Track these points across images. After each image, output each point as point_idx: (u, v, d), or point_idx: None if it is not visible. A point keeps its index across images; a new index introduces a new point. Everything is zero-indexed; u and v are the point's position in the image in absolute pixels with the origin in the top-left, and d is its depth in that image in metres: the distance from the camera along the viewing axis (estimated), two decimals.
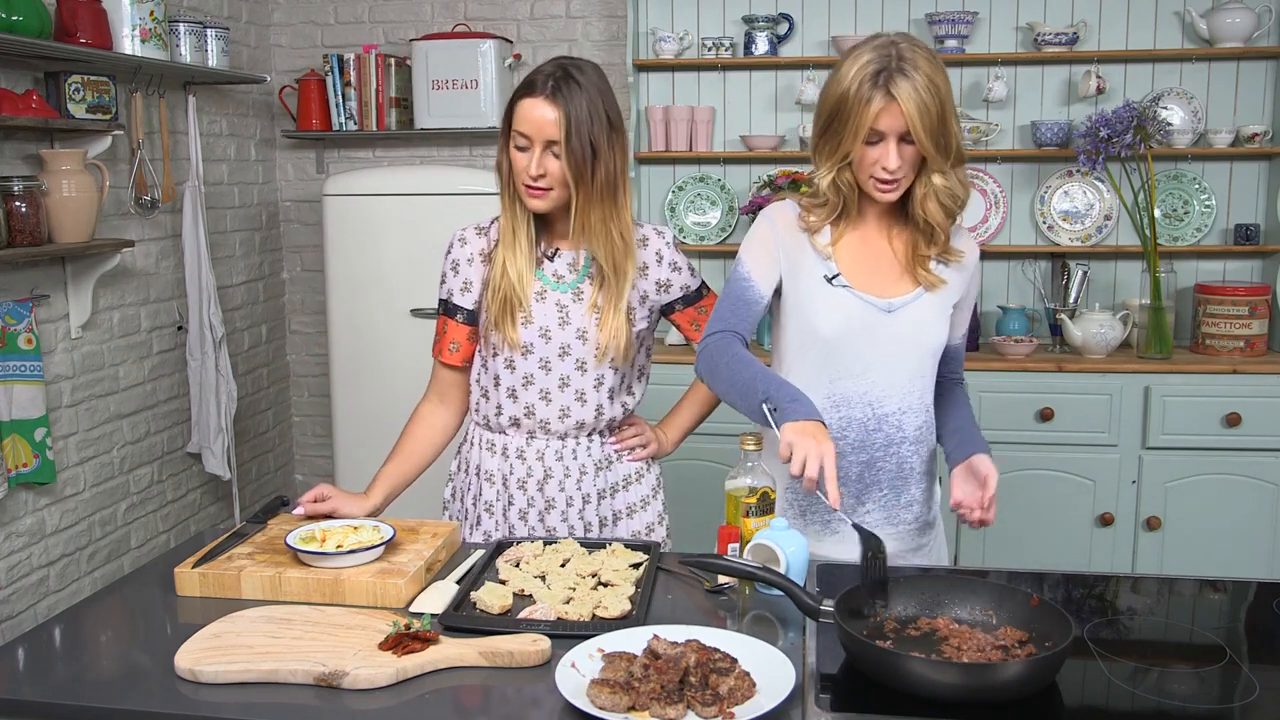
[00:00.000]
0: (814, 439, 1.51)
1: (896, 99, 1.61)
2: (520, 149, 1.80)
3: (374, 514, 1.87)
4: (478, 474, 1.99)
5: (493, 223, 1.95)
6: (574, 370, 1.91)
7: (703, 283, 2.02)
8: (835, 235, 1.78)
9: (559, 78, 1.78)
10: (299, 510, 1.82)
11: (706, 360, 1.74)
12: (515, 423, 1.95)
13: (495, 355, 1.92)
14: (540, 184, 1.80)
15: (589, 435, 1.96)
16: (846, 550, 1.78)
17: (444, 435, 2.01)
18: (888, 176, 1.68)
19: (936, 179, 1.69)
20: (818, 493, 1.50)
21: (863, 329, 1.76)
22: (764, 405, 1.58)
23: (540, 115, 1.77)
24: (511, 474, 1.96)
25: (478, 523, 1.99)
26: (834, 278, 1.76)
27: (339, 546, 1.64)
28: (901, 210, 1.78)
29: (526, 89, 1.80)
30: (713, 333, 1.76)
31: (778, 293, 1.82)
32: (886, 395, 1.78)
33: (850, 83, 1.64)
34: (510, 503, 1.97)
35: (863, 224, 1.79)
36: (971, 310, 1.87)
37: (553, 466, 1.95)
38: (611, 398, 1.94)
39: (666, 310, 1.99)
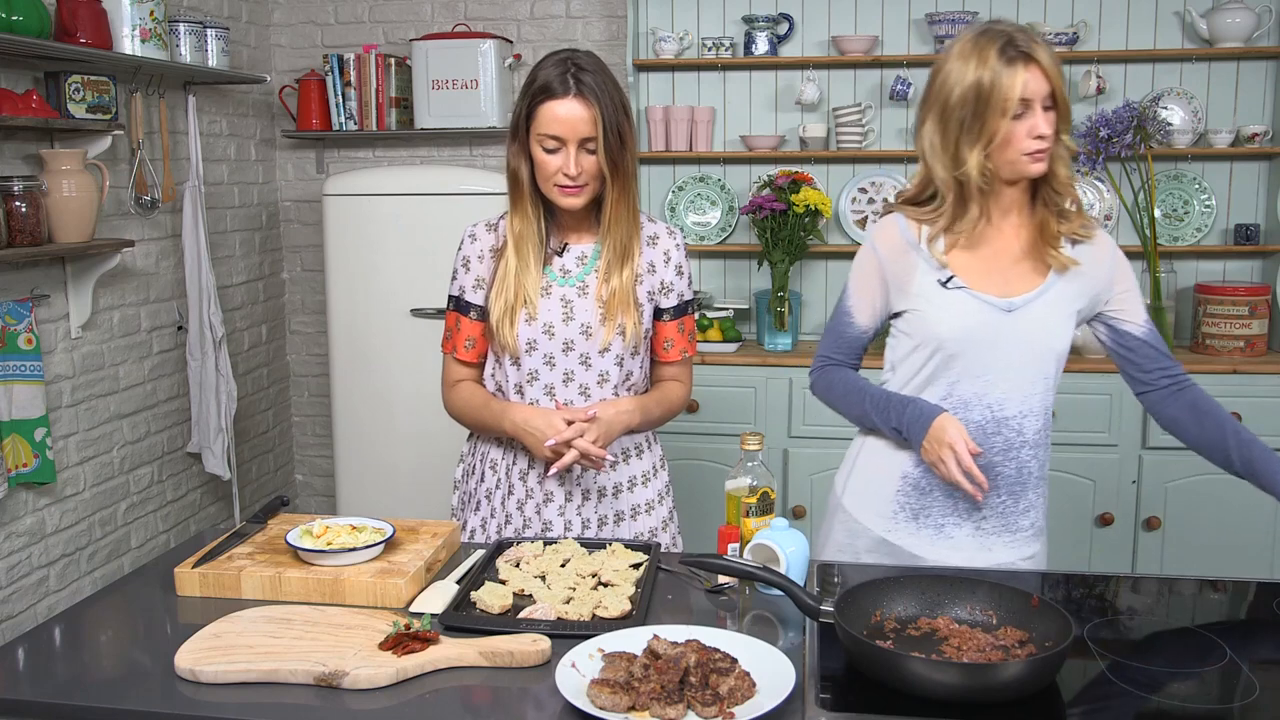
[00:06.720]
0: (937, 442, 1.69)
1: (1038, 62, 1.63)
2: (551, 151, 1.81)
3: None
4: (483, 459, 2.01)
5: (502, 218, 1.96)
6: (578, 365, 1.91)
7: (693, 298, 2.01)
8: (949, 243, 1.74)
9: (575, 74, 1.79)
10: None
11: (823, 388, 1.88)
12: None
13: (504, 350, 1.93)
14: (578, 181, 1.82)
15: None
16: (960, 556, 1.80)
17: None
18: (1040, 146, 1.65)
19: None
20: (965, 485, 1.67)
21: (983, 330, 1.73)
22: (896, 434, 1.77)
23: (574, 115, 1.78)
24: (515, 464, 1.96)
25: (477, 508, 2.01)
26: (948, 280, 1.74)
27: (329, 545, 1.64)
28: (1016, 201, 1.75)
29: (546, 92, 1.79)
30: (822, 365, 1.88)
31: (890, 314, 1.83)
32: (1007, 398, 1.76)
33: (981, 71, 1.63)
34: (510, 492, 1.97)
35: (976, 223, 1.76)
36: (1139, 296, 1.81)
37: None
38: (617, 394, 1.94)
39: (655, 315, 1.97)
